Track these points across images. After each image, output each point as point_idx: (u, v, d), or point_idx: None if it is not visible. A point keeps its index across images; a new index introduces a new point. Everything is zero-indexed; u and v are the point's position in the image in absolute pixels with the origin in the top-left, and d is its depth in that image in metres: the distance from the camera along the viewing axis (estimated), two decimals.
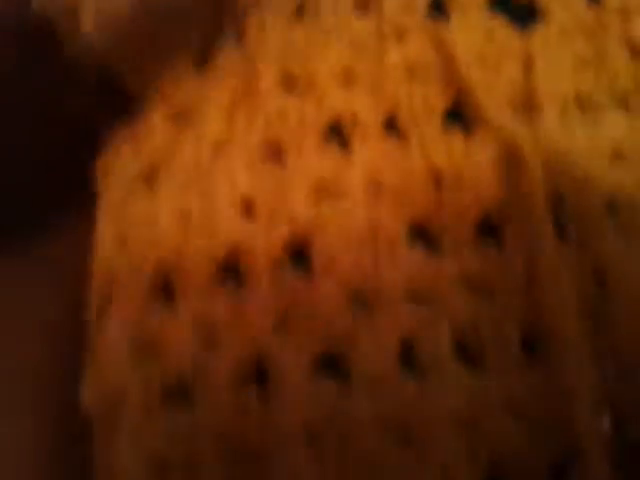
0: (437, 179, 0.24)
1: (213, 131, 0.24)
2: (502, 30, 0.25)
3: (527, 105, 0.24)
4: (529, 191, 0.23)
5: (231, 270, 0.23)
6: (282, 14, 0.25)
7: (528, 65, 0.25)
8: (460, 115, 0.25)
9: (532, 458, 0.20)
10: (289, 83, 0.25)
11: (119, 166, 0.25)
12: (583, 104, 0.25)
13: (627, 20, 0.26)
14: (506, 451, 0.20)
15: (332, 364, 0.21)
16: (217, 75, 0.25)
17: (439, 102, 0.25)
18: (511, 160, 0.24)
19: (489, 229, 0.24)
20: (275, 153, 0.24)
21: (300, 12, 0.26)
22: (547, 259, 0.22)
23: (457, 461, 0.20)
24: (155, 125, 0.25)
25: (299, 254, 0.23)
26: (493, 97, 0.24)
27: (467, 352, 0.22)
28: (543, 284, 0.22)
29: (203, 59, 0.26)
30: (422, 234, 0.23)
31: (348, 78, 0.25)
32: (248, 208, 0.24)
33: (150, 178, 0.24)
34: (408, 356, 0.21)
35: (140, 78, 0.26)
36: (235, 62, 0.25)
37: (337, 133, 0.25)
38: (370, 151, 0.24)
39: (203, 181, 0.24)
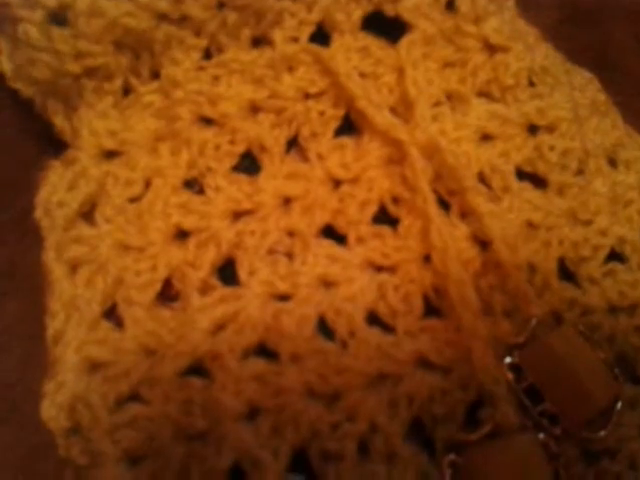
0: (336, 184, 0.28)
1: (141, 167, 0.27)
2: (375, 45, 0.29)
3: (403, 106, 0.29)
4: (414, 177, 0.27)
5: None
6: (191, 57, 0.29)
7: (400, 72, 0.29)
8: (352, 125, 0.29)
9: (447, 403, 0.24)
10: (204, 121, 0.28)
11: (56, 203, 0.27)
12: (452, 98, 0.30)
13: (479, 23, 0.30)
14: (423, 399, 0.24)
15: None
16: (138, 115, 0.28)
17: (332, 117, 0.29)
18: (396, 154, 0.28)
19: (386, 216, 0.27)
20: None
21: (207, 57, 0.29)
22: (437, 231, 0.26)
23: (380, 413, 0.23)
24: (84, 163, 0.27)
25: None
26: (374, 103, 0.28)
27: (379, 319, 0.25)
28: (436, 253, 0.26)
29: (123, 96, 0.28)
30: (330, 232, 0.27)
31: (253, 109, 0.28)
32: (180, 235, 0.26)
33: (88, 214, 0.27)
34: (326, 329, 0.25)
35: (68, 122, 0.28)
36: (154, 101, 0.28)
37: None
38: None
39: (138, 214, 0.27)
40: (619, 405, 0.24)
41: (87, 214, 0.27)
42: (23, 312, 0.28)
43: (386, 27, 0.30)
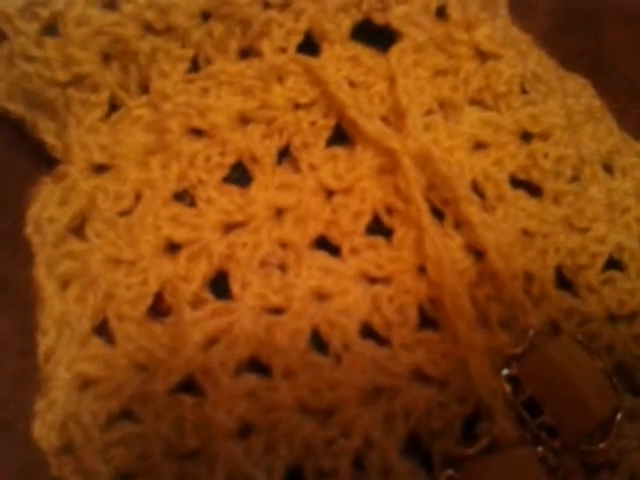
0: (328, 194, 0.27)
1: (131, 180, 0.27)
2: (365, 55, 0.29)
3: (394, 115, 0.28)
4: (407, 187, 0.26)
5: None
6: (178, 69, 0.28)
7: (391, 81, 0.28)
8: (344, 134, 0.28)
9: (444, 417, 0.23)
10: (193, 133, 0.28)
11: (47, 219, 0.26)
12: (444, 106, 0.29)
13: (470, 30, 0.30)
14: (420, 413, 0.23)
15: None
16: (128, 129, 0.28)
17: (323, 127, 0.28)
18: (389, 163, 0.27)
19: (380, 227, 0.27)
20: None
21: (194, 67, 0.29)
22: (431, 242, 0.26)
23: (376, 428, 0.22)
24: (74, 178, 0.27)
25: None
26: (366, 113, 0.27)
27: (374, 332, 0.25)
28: (431, 264, 0.25)
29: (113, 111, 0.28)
30: (324, 243, 0.27)
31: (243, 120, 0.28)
32: (171, 248, 0.26)
33: (78, 229, 0.27)
34: (320, 343, 0.24)
35: (59, 140, 0.28)
36: (143, 115, 0.28)
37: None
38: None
39: (128, 228, 0.27)
40: (619, 416, 0.24)
41: (78, 229, 0.27)
42: (15, 328, 0.27)
43: (376, 36, 0.29)
